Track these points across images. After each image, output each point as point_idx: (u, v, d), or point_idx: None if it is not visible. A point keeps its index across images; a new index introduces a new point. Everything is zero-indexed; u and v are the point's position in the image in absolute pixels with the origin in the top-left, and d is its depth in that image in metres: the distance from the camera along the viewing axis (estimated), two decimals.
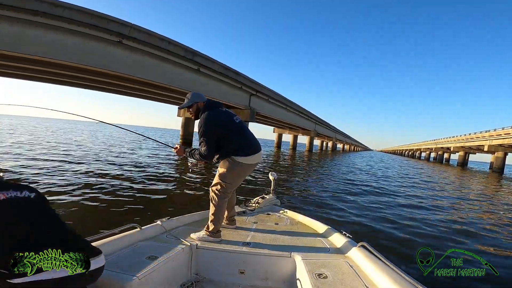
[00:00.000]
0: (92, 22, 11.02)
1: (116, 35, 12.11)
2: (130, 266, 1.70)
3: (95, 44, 11.81)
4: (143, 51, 13.65)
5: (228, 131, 2.36)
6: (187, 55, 15.98)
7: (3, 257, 0.93)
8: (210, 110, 2.38)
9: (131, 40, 12.71)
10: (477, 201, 10.37)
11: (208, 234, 2.31)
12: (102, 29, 11.50)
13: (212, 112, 2.37)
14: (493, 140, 37.92)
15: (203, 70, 17.42)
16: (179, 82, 16.24)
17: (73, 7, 10.40)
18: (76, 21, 10.64)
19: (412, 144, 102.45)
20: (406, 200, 8.88)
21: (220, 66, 18.70)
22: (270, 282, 2.09)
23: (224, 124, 2.37)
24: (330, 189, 9.74)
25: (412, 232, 5.29)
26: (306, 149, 47.02)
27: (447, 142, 57.87)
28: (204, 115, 2.34)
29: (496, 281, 3.18)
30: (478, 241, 5.08)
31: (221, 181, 2.40)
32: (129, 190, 6.63)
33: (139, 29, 12.72)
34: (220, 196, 2.41)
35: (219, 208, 2.40)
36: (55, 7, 10.02)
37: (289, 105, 31.27)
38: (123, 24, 12.00)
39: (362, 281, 1.68)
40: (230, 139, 2.35)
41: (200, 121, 2.35)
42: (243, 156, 2.38)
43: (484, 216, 7.67)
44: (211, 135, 2.30)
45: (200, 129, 2.30)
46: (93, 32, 11.40)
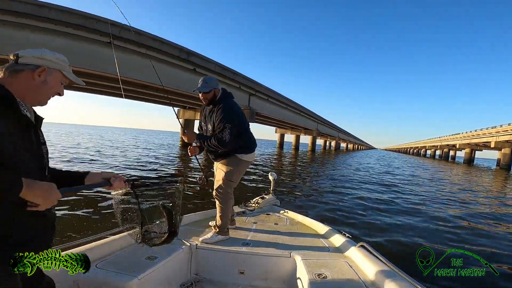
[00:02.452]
0: (79, 22, 10.73)
1: (106, 35, 11.78)
2: (130, 266, 1.69)
3: (85, 45, 11.51)
4: (136, 52, 13.31)
5: (244, 126, 2.42)
6: (182, 55, 15.64)
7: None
8: (232, 100, 2.42)
9: (122, 40, 12.36)
10: (482, 199, 10.14)
11: (217, 233, 2.30)
12: (91, 30, 11.20)
13: (235, 102, 2.43)
14: (500, 136, 37.08)
15: (199, 70, 17.05)
16: (174, 83, 15.89)
17: (59, 8, 10.12)
18: (63, 22, 10.36)
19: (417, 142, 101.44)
20: (407, 200, 8.67)
21: (217, 66, 18.36)
22: (270, 282, 2.09)
23: (244, 118, 2.43)
24: (330, 189, 9.59)
25: (412, 232, 5.23)
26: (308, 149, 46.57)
27: (453, 139, 57.09)
28: (231, 103, 2.36)
29: (496, 281, 3.10)
30: (478, 241, 4.98)
31: (227, 180, 2.38)
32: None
33: (129, 29, 12.36)
34: (227, 195, 2.40)
35: (227, 207, 2.39)
36: (40, 8, 9.74)
37: (290, 105, 30.87)
38: (113, 24, 11.67)
39: (362, 281, 1.68)
40: (240, 135, 2.36)
41: (226, 108, 2.32)
42: (246, 153, 2.44)
43: (487, 214, 7.49)
44: (236, 124, 2.30)
45: (227, 115, 2.27)
46: (82, 33, 11.11)
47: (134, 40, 12.83)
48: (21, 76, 1.00)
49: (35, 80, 1.02)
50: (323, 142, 72.19)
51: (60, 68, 1.08)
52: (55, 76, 1.06)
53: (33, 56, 1.02)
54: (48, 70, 1.04)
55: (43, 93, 1.05)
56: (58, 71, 1.08)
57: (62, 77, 1.10)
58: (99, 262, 1.72)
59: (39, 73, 1.02)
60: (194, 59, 16.44)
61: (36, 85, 1.02)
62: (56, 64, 1.07)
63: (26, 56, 1.01)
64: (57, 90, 1.10)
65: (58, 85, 1.09)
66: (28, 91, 1.01)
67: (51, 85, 1.06)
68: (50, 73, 1.05)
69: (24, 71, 1.00)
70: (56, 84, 1.08)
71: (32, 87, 1.02)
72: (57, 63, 1.07)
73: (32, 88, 1.02)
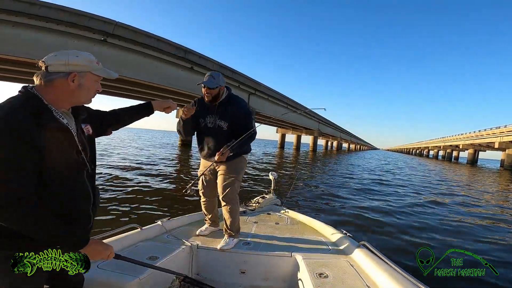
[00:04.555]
0: (71, 20, 10.51)
1: (100, 33, 11.60)
2: (130, 267, 1.64)
3: (78, 43, 11.28)
4: (132, 50, 13.12)
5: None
6: (179, 53, 15.42)
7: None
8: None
9: (117, 38, 12.18)
10: (483, 199, 10.05)
11: (233, 236, 2.27)
12: (84, 27, 11.00)
13: None
14: (504, 136, 36.59)
15: (197, 69, 16.84)
16: (171, 81, 15.68)
17: (48, 5, 9.92)
18: (54, 20, 10.14)
19: (420, 142, 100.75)
20: (407, 199, 8.65)
21: (215, 64, 18.12)
22: (271, 282, 2.08)
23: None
24: (331, 188, 9.58)
25: (413, 232, 5.20)
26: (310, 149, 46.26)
27: (456, 140, 56.47)
28: (244, 101, 2.38)
29: (496, 281, 3.12)
30: (478, 241, 4.95)
31: (238, 180, 2.33)
32: (129, 191, 6.63)
33: (124, 27, 12.20)
34: (237, 196, 2.36)
35: (238, 209, 2.37)
36: (31, 6, 9.54)
37: (290, 104, 30.58)
38: (106, 21, 11.49)
39: (363, 281, 1.67)
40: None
41: (244, 103, 2.37)
42: (248, 153, 2.47)
43: (487, 214, 7.44)
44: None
45: (248, 110, 2.37)
46: (74, 30, 10.91)
47: (129, 38, 12.65)
48: (56, 84, 1.03)
49: (70, 86, 1.05)
50: (324, 142, 71.82)
51: (89, 69, 1.09)
52: (88, 78, 1.08)
53: (60, 63, 1.03)
54: (79, 74, 1.06)
55: (82, 95, 1.10)
56: (89, 72, 1.09)
57: (94, 76, 1.11)
58: (100, 263, 1.71)
59: (72, 79, 1.04)
60: (191, 57, 16.22)
61: (73, 90, 1.05)
62: (84, 67, 1.07)
63: (53, 65, 1.02)
64: (94, 89, 1.13)
65: (93, 84, 1.12)
66: (68, 96, 1.06)
67: (87, 87, 1.09)
68: (82, 76, 1.06)
69: (57, 79, 1.03)
70: (92, 85, 1.11)
71: (70, 92, 1.05)
72: (84, 65, 1.07)
73: (71, 93, 1.06)
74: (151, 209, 5.31)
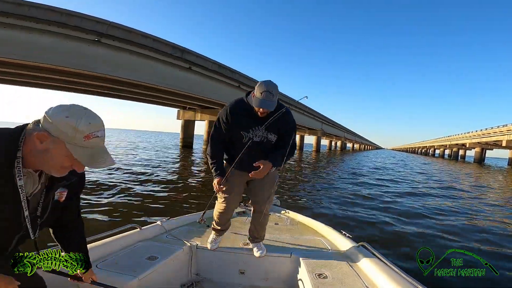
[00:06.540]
0: (62, 20, 10.26)
1: (93, 33, 11.35)
2: (130, 267, 1.68)
3: (72, 44, 11.03)
4: (127, 50, 12.84)
5: None
6: (176, 53, 15.12)
7: None
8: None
9: (111, 38, 11.92)
10: (485, 199, 9.89)
11: (262, 242, 2.22)
12: (76, 28, 10.75)
13: None
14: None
15: (195, 69, 16.53)
16: (169, 82, 15.36)
17: (37, 5, 9.67)
18: (44, 20, 9.90)
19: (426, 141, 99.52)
20: (408, 199, 8.61)
21: (214, 64, 17.80)
22: (270, 282, 2.08)
23: None
24: (331, 189, 9.50)
25: (413, 231, 5.18)
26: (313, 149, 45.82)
27: (462, 138, 55.46)
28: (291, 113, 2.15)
29: (496, 281, 3.09)
30: (478, 241, 4.90)
31: (274, 191, 2.23)
32: (129, 191, 6.65)
33: (118, 27, 11.95)
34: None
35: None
36: (18, 6, 9.31)
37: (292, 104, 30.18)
38: (99, 22, 11.24)
39: (362, 281, 1.67)
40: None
41: (292, 120, 2.14)
42: None
43: (488, 214, 7.33)
44: None
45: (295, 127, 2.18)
46: (66, 31, 10.66)
47: (124, 38, 12.39)
48: (31, 137, 0.86)
49: (37, 147, 0.85)
50: (328, 142, 71.18)
51: (65, 140, 0.85)
52: (59, 147, 0.85)
53: (46, 114, 0.86)
54: (51, 137, 0.85)
55: (47, 163, 0.88)
56: (62, 143, 0.85)
57: (66, 150, 0.86)
58: (100, 263, 1.69)
59: (39, 138, 0.84)
60: (189, 57, 15.92)
61: (37, 151, 0.86)
62: (61, 133, 0.84)
63: (44, 115, 0.87)
64: (62, 163, 0.89)
65: (62, 158, 0.87)
66: (34, 157, 0.87)
67: (53, 156, 0.86)
68: (54, 141, 0.85)
69: (34, 133, 0.85)
70: (59, 157, 0.87)
71: (37, 153, 0.86)
72: (62, 132, 0.84)
73: (34, 154, 0.87)
74: (151, 209, 5.32)
